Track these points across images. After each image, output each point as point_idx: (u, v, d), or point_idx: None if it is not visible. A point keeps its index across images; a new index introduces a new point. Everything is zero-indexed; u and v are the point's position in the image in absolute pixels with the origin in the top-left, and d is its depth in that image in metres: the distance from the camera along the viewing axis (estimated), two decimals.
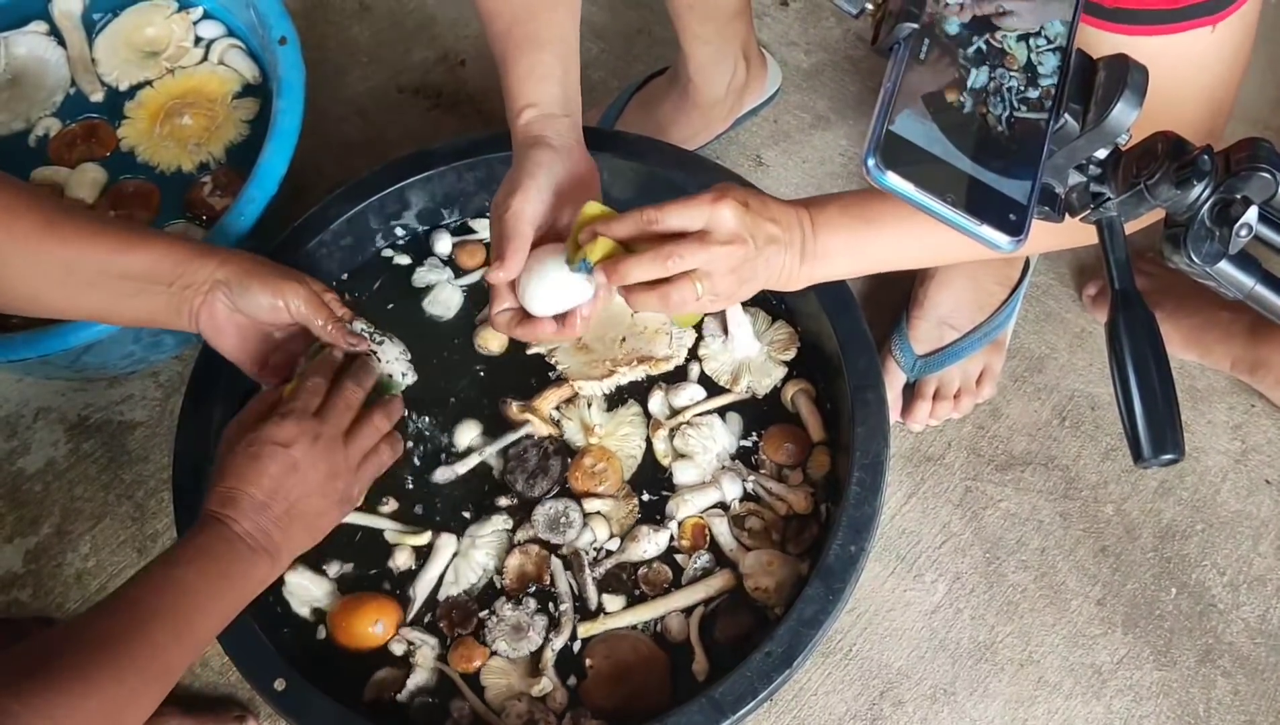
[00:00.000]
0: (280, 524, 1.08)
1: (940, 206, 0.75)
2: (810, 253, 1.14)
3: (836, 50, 1.89)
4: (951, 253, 1.16)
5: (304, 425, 1.12)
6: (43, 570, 1.56)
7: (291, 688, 1.21)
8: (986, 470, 1.57)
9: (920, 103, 0.77)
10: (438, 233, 1.54)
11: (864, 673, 1.46)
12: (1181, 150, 0.74)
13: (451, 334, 1.48)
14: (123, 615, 0.99)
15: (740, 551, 1.33)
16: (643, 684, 1.27)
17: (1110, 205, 0.78)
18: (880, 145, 0.75)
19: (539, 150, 1.20)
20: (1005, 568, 1.51)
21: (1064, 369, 1.63)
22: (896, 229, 1.13)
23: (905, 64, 0.77)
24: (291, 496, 1.09)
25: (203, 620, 1.03)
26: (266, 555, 1.08)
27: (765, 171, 1.78)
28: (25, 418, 1.66)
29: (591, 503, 1.36)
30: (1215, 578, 1.50)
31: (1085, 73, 0.78)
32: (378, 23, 1.98)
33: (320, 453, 1.12)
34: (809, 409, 1.41)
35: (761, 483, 1.37)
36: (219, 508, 1.07)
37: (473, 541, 1.35)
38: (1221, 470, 1.56)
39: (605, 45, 1.92)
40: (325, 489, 1.12)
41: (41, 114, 1.67)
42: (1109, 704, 1.44)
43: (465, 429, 1.42)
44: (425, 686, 1.30)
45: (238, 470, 1.09)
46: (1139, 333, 0.76)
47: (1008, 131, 0.77)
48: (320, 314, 1.20)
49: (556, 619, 1.31)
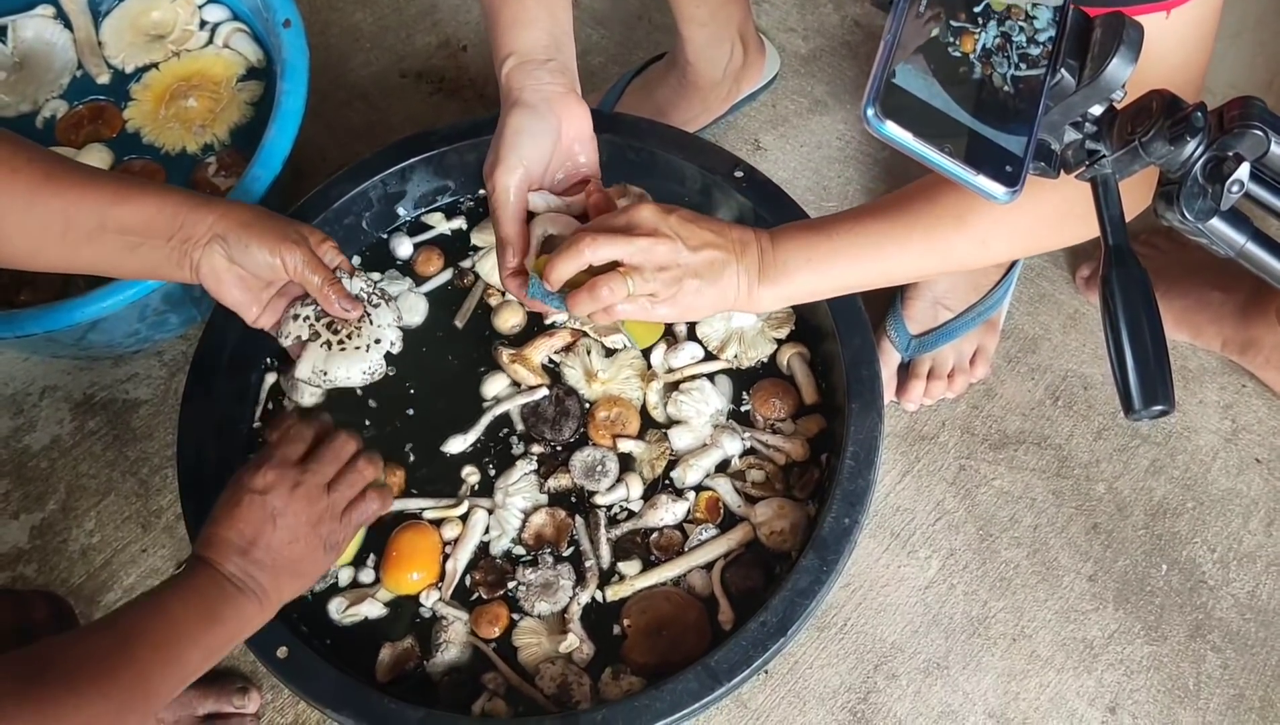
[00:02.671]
0: (264, 568, 1.10)
1: (938, 156, 0.76)
2: (769, 267, 1.15)
3: (834, 36, 1.91)
4: (910, 266, 1.16)
5: (283, 473, 1.13)
6: (48, 546, 1.57)
7: (294, 655, 1.21)
8: (980, 449, 1.59)
9: (920, 56, 0.78)
10: (396, 236, 1.53)
11: (859, 647, 1.48)
12: (1176, 107, 0.75)
13: (423, 341, 1.48)
14: (113, 638, 1.00)
15: (748, 507, 1.35)
16: (681, 633, 1.28)
17: (1105, 162, 0.80)
18: (880, 95, 0.76)
19: (516, 113, 1.19)
20: (998, 544, 1.53)
21: (1057, 350, 1.65)
22: (853, 241, 1.14)
23: (905, 17, 0.78)
24: (273, 544, 1.10)
25: (190, 651, 1.03)
26: (254, 597, 1.09)
27: (764, 155, 1.80)
28: (31, 396, 1.67)
29: (625, 443, 1.39)
30: (1205, 554, 1.52)
31: (1082, 29, 0.79)
32: (380, 8, 2.00)
33: (300, 500, 1.13)
34: (804, 372, 1.42)
35: (758, 437, 1.39)
36: (204, 551, 1.09)
37: (505, 493, 1.37)
38: (1212, 449, 1.58)
39: (605, 32, 1.94)
40: (308, 537, 1.13)
41: (48, 96, 1.69)
42: (1100, 678, 1.45)
43: (456, 440, 1.42)
44: (455, 662, 1.30)
45: (221, 515, 1.11)
46: (1132, 287, 0.78)
47: (1007, 87, 0.78)
48: (319, 273, 1.19)
49: (583, 574, 1.33)
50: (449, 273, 1.51)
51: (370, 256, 1.53)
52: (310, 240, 1.20)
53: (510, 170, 1.18)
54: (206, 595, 1.06)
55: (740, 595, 1.31)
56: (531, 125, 1.19)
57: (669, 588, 1.32)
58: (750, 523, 1.34)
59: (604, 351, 1.44)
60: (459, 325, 1.48)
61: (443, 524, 1.36)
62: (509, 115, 1.20)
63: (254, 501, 1.11)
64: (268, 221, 1.18)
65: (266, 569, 1.10)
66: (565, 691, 1.26)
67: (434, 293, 1.51)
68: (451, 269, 1.52)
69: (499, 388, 1.43)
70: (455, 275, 1.51)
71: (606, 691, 1.26)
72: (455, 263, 1.52)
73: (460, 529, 1.36)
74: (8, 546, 1.57)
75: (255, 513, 1.10)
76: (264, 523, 1.10)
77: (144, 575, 1.55)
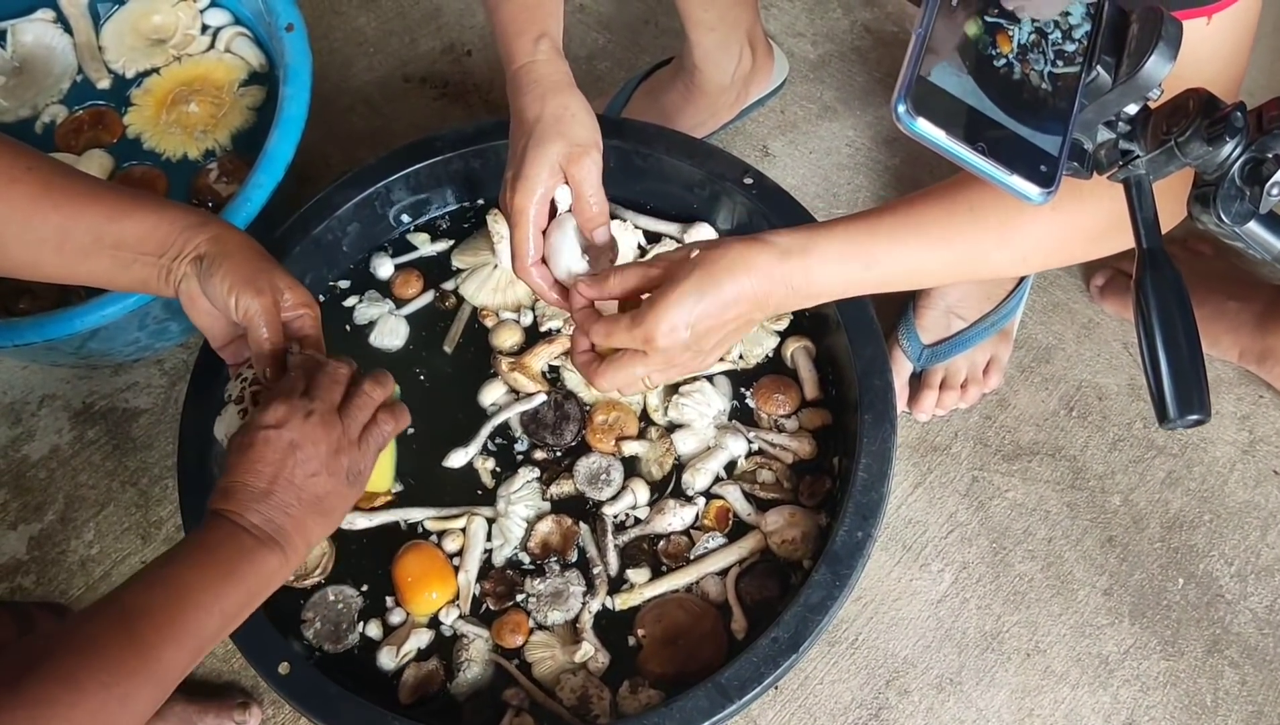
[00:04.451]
0: (288, 511, 1.03)
1: (970, 154, 0.74)
2: (802, 288, 1.10)
3: (843, 41, 1.89)
4: (946, 276, 1.16)
5: (293, 404, 1.06)
6: (46, 557, 1.55)
7: (296, 671, 1.19)
8: (993, 460, 1.57)
9: (952, 51, 0.76)
10: (378, 256, 1.51)
11: (870, 662, 1.46)
12: (1214, 106, 0.73)
13: (408, 362, 1.47)
14: (112, 618, 0.93)
15: (759, 515, 1.33)
16: (697, 641, 1.27)
17: (1139, 162, 0.78)
18: (911, 91, 0.74)
19: (566, 95, 1.18)
20: (1012, 557, 1.51)
21: (1071, 359, 1.63)
22: (894, 265, 1.09)
23: (937, 11, 0.76)
24: (295, 479, 1.04)
25: (203, 619, 0.96)
26: (276, 546, 1.02)
27: (772, 162, 1.78)
28: (30, 404, 1.65)
29: (629, 445, 1.38)
30: (1223, 568, 1.50)
31: (1118, 25, 0.77)
32: (384, 13, 1.98)
33: (316, 428, 1.06)
34: (808, 367, 1.41)
35: (762, 437, 1.37)
36: (220, 503, 1.03)
37: (508, 501, 1.35)
38: (1229, 461, 1.56)
39: (611, 36, 1.92)
40: (330, 466, 1.06)
41: (48, 101, 1.67)
42: (1116, 694, 1.43)
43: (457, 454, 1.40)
44: (477, 680, 1.28)
45: (235, 462, 1.04)
46: (1166, 291, 0.76)
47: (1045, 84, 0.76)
48: (266, 331, 1.13)
49: (591, 581, 1.31)
50: (429, 295, 1.50)
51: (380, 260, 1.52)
52: (286, 295, 1.15)
53: (531, 194, 1.16)
54: (221, 553, 1.00)
55: (756, 605, 1.29)
56: (583, 109, 1.18)
57: (682, 595, 1.31)
58: (761, 531, 1.32)
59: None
60: (448, 350, 1.47)
61: (443, 537, 1.34)
62: (557, 95, 1.17)
63: (269, 437, 1.04)
64: (246, 259, 1.13)
65: (291, 510, 1.04)
66: (585, 704, 1.24)
67: (417, 315, 1.50)
68: (432, 291, 1.50)
69: (496, 395, 1.42)
70: (436, 297, 1.50)
71: (625, 705, 1.24)
72: (436, 285, 1.51)
73: (462, 540, 1.34)
74: (5, 558, 1.55)
75: (272, 450, 1.04)
76: (284, 458, 1.04)
77: None
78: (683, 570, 1.31)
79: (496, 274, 1.47)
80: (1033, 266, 1.10)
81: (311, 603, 1.31)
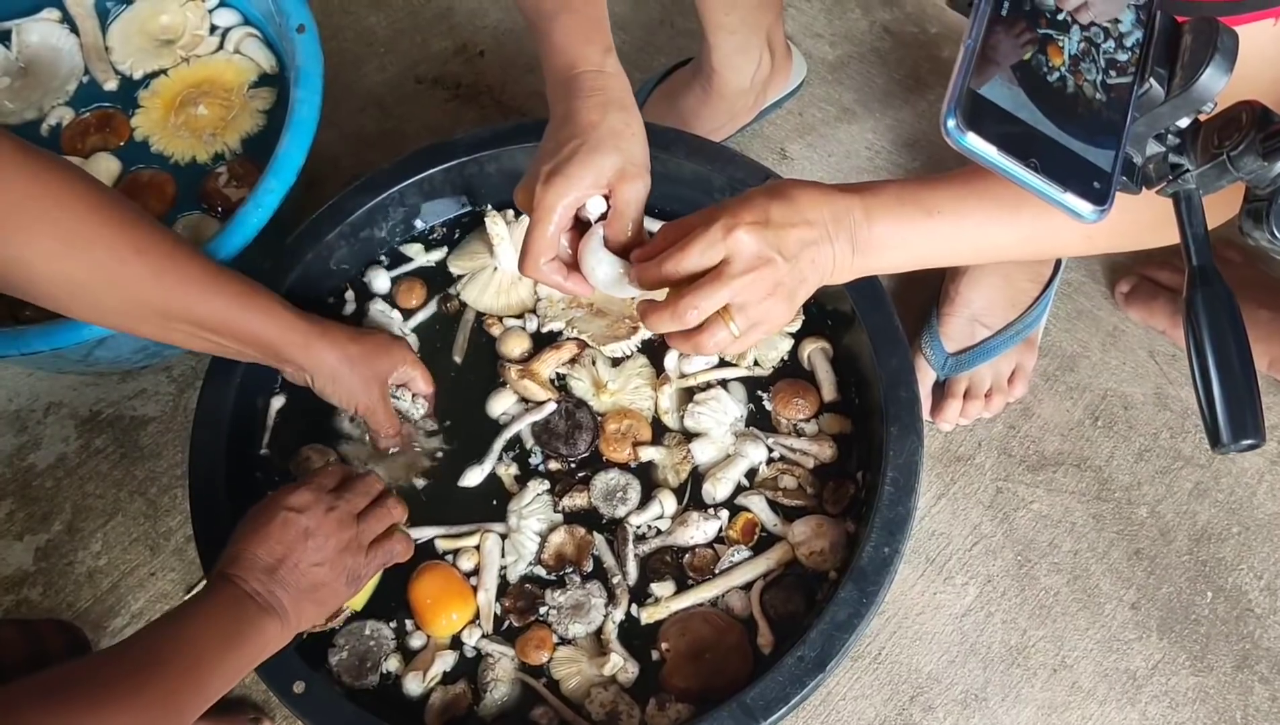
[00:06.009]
0: (287, 589, 1.10)
1: (1022, 171, 0.71)
2: (864, 242, 1.05)
3: (862, 43, 1.86)
4: (1009, 250, 1.09)
5: (320, 496, 1.16)
6: (53, 568, 1.53)
7: (310, 690, 1.18)
8: (1018, 471, 1.54)
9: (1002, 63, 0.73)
10: (374, 269, 1.49)
11: (893, 677, 1.43)
12: (1269, 120, 0.70)
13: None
14: (137, 659, 0.99)
15: (785, 526, 1.31)
16: (723, 656, 1.25)
17: (1189, 177, 0.75)
18: (961, 105, 0.71)
19: (622, 112, 1.12)
20: (1037, 570, 1.48)
21: (1096, 368, 1.60)
22: (956, 222, 1.05)
23: (986, 21, 0.73)
24: (300, 564, 1.11)
25: (213, 669, 1.03)
26: (276, 616, 1.08)
27: (790, 165, 1.76)
28: (36, 413, 1.63)
29: (645, 451, 1.36)
30: (1252, 581, 1.47)
31: (1171, 35, 0.74)
32: (395, 13, 1.95)
33: (333, 524, 1.15)
34: (825, 369, 1.39)
35: (782, 442, 1.36)
36: (229, 568, 1.09)
37: (519, 516, 1.33)
38: (1258, 472, 1.53)
39: (627, 37, 1.89)
40: (335, 562, 1.14)
41: (54, 103, 1.64)
42: (1144, 710, 1.41)
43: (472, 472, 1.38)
44: (504, 700, 1.27)
45: (250, 531, 1.12)
46: (1219, 310, 0.73)
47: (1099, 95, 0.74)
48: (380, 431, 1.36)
49: (612, 591, 1.29)
50: (434, 305, 1.48)
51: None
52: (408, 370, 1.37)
53: (567, 191, 1.08)
54: (229, 615, 1.06)
55: (781, 619, 1.27)
56: (643, 132, 1.13)
57: (706, 609, 1.29)
58: (789, 542, 1.30)
59: (610, 361, 1.42)
60: (458, 360, 1.45)
61: (458, 556, 1.33)
62: (621, 110, 1.12)
63: (288, 519, 1.12)
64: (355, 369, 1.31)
65: (290, 589, 1.09)
66: (614, 720, 1.23)
67: (424, 327, 1.48)
68: (436, 299, 1.49)
69: (507, 404, 1.40)
70: (441, 302, 1.48)
71: (654, 723, 1.22)
72: (438, 292, 1.49)
73: (476, 558, 1.32)
74: (12, 569, 1.53)
75: (289, 531, 1.11)
76: (296, 541, 1.11)
77: (153, 599, 1.50)
78: (708, 584, 1.29)
79: (497, 276, 1.45)
80: (1098, 246, 1.07)
81: (346, 630, 1.30)
